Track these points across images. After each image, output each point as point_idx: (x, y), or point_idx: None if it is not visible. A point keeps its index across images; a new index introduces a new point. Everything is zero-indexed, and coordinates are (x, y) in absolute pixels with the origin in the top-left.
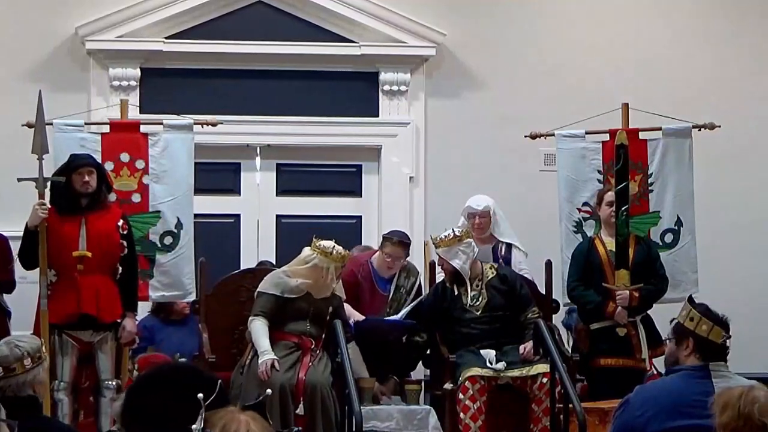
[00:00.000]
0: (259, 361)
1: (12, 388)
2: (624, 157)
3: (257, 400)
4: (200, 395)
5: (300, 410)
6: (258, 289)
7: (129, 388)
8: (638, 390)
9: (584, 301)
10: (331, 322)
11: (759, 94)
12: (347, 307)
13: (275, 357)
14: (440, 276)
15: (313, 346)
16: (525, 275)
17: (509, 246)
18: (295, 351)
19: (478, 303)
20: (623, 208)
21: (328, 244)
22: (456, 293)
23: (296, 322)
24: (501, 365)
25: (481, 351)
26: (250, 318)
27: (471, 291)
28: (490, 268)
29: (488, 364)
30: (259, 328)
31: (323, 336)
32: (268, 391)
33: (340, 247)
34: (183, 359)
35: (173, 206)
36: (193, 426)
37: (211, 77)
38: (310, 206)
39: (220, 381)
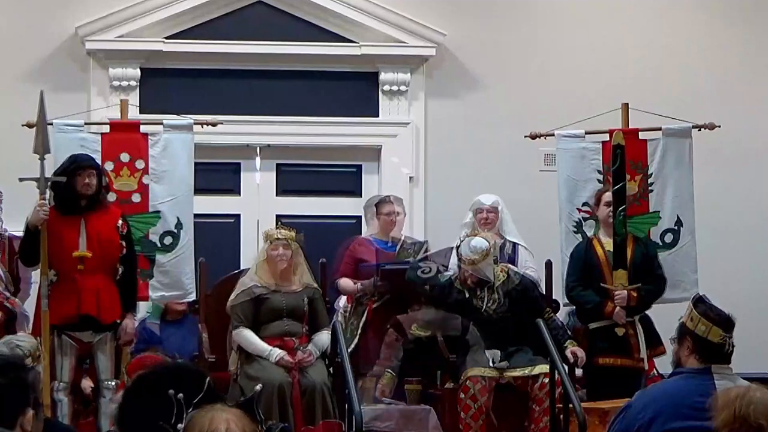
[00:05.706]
0: (274, 360)
1: None
2: (621, 157)
3: (247, 396)
4: (180, 395)
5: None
6: (228, 304)
7: (124, 390)
8: (639, 394)
9: (583, 302)
10: (311, 314)
11: (759, 95)
12: (345, 280)
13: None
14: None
15: (296, 345)
16: (531, 273)
17: (515, 245)
18: None
19: (490, 305)
20: (620, 209)
21: (272, 229)
22: (467, 296)
23: (273, 323)
24: (504, 364)
25: (486, 351)
26: (234, 332)
27: (485, 293)
28: (501, 271)
29: (491, 363)
30: (249, 336)
31: (306, 332)
32: (258, 386)
33: (284, 229)
34: (180, 360)
35: (173, 206)
36: (179, 426)
37: (211, 77)
38: (310, 206)
39: (208, 378)
